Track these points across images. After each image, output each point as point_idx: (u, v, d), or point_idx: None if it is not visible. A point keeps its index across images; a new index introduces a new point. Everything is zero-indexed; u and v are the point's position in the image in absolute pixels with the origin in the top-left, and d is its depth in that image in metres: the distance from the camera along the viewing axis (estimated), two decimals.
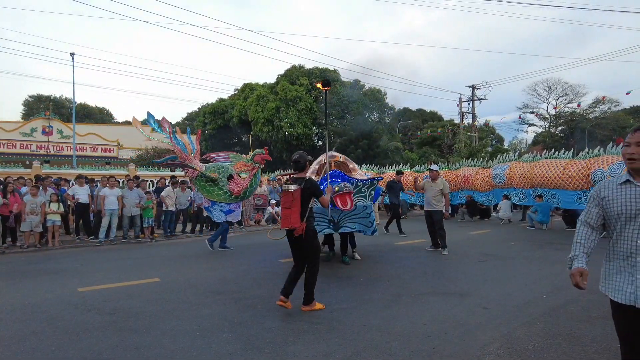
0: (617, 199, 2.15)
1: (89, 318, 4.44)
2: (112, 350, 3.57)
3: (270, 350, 3.56)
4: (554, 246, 9.30)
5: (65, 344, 3.73)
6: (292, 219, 4.43)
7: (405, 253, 8.44)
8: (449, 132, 31.28)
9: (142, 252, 9.06)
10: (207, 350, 3.57)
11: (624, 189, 2.15)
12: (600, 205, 2.25)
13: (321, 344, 3.68)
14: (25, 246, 9.38)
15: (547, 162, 13.65)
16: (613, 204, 2.16)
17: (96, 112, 50.31)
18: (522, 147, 44.33)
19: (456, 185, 16.95)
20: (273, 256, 8.12)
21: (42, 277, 6.49)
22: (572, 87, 40.60)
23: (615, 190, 2.18)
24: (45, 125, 24.56)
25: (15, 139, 23.58)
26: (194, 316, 4.49)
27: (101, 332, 4.01)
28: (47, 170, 13.62)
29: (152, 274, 6.58)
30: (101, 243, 10.12)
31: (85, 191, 10.75)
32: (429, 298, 5.13)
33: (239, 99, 31.51)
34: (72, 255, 8.74)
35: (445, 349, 3.54)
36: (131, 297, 5.24)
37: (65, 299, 5.18)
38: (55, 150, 24.38)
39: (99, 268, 7.21)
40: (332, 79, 29.95)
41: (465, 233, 11.92)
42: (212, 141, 32.79)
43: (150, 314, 4.55)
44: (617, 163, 11.27)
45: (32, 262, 7.91)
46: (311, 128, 29.15)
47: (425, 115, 45.70)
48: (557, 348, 3.53)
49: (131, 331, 4.03)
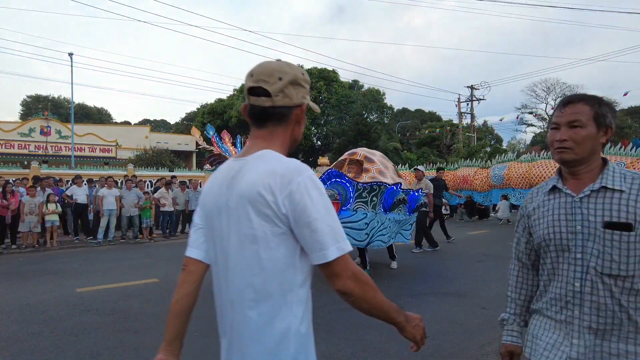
0: (543, 217, 1.40)
1: (87, 319, 4.43)
2: (111, 351, 3.57)
3: None
4: None
5: (63, 344, 3.72)
6: None
7: (404, 253, 8.44)
8: (447, 132, 31.33)
9: (141, 253, 9.04)
10: (206, 350, 3.56)
11: (551, 200, 1.40)
12: (527, 229, 1.49)
13: (320, 344, 3.68)
14: (23, 247, 9.36)
15: (545, 162, 13.69)
16: (538, 226, 1.41)
17: (95, 113, 50.23)
18: (521, 148, 44.42)
19: (455, 185, 16.97)
20: None
21: (41, 278, 6.48)
22: (570, 87, 40.67)
23: (542, 203, 1.44)
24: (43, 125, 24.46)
25: (13, 139, 23.50)
26: (194, 317, 4.44)
27: (100, 332, 4.01)
28: (45, 171, 13.59)
29: (151, 274, 6.57)
30: (100, 243, 10.10)
31: (83, 191, 10.73)
32: (428, 298, 5.14)
33: (238, 99, 31.51)
34: (70, 255, 8.72)
35: (444, 348, 3.54)
36: (130, 298, 5.24)
37: (63, 300, 5.17)
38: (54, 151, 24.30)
39: (97, 268, 7.19)
40: (332, 79, 29.97)
41: (464, 233, 11.94)
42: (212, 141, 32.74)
43: (149, 315, 4.55)
44: (616, 163, 11.27)
45: (30, 262, 7.89)
46: (310, 128, 29.15)
47: (424, 115, 45.77)
48: None
49: (130, 332, 4.03)
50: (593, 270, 1.28)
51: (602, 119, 1.30)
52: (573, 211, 1.33)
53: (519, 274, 1.56)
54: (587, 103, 1.31)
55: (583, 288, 1.30)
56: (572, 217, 1.33)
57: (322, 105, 30.35)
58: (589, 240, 1.29)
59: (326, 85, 29.85)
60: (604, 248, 1.27)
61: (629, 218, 1.24)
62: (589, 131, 1.29)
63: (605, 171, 1.33)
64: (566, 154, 1.32)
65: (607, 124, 1.31)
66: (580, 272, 1.30)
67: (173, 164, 21.42)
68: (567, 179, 1.39)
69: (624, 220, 1.24)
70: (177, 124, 47.61)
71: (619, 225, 1.25)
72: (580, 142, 1.30)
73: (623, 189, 1.27)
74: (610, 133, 1.33)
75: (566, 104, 1.35)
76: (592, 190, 1.31)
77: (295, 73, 1.12)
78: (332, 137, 31.26)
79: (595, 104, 1.31)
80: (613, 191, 1.28)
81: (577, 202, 1.33)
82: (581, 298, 1.30)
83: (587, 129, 1.29)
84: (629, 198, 1.26)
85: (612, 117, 1.32)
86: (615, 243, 1.25)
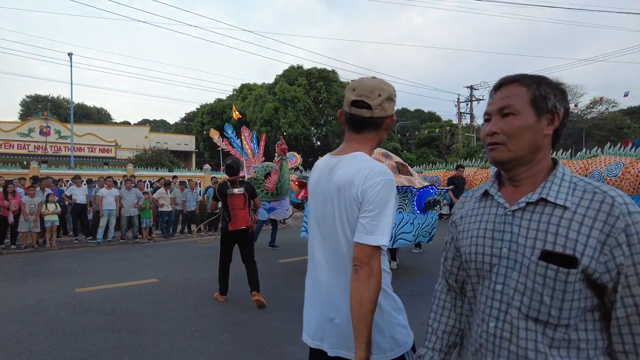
0: (467, 231, 1.11)
1: (87, 319, 4.42)
2: (110, 351, 3.56)
3: (269, 351, 3.56)
4: None
5: (63, 345, 3.71)
6: (247, 218, 4.95)
7: (404, 253, 8.44)
8: (447, 132, 31.32)
9: (140, 253, 9.04)
10: (205, 351, 3.56)
11: (480, 209, 1.11)
12: (454, 241, 1.20)
13: None
14: (23, 247, 9.35)
15: None
16: (462, 240, 1.13)
17: (94, 113, 50.21)
18: None
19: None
20: (271, 257, 8.11)
21: (40, 278, 6.47)
22: (569, 87, 40.75)
23: (471, 211, 1.14)
24: (43, 125, 24.45)
25: (12, 139, 23.49)
26: (193, 317, 4.48)
27: (99, 333, 4.00)
28: (44, 171, 13.58)
29: (151, 274, 6.57)
30: (99, 244, 10.09)
31: (83, 192, 10.71)
32: (427, 298, 5.13)
33: (237, 100, 31.51)
34: (70, 255, 8.71)
35: None
36: (129, 298, 5.23)
37: (63, 300, 5.16)
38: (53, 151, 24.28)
39: (97, 269, 7.18)
40: (331, 79, 29.97)
41: None
42: (210, 141, 32.75)
43: (149, 315, 4.54)
44: (615, 163, 11.30)
45: (29, 262, 7.88)
46: (310, 128, 29.15)
47: (423, 115, 45.81)
48: None
49: (129, 332, 4.02)
50: (516, 310, 0.95)
51: (542, 103, 0.98)
52: (502, 227, 1.01)
53: (445, 299, 1.23)
54: (522, 84, 1.00)
55: (499, 331, 0.98)
56: (499, 236, 1.01)
57: (321, 105, 30.35)
58: (515, 269, 0.97)
59: (326, 85, 29.86)
60: (534, 285, 0.93)
61: (571, 248, 0.90)
62: (525, 120, 0.98)
63: (551, 177, 0.99)
64: (499, 151, 1.01)
65: (550, 109, 0.98)
66: (498, 310, 0.99)
67: (172, 164, 21.43)
68: (505, 185, 1.08)
69: (562, 250, 0.90)
70: (177, 124, 47.61)
71: (557, 258, 0.90)
72: (514, 135, 0.98)
73: (567, 205, 0.93)
74: (558, 120, 1.00)
75: (497, 87, 1.04)
76: (529, 202, 0.98)
77: (390, 90, 1.38)
78: (331, 137, 31.26)
79: (532, 84, 0.99)
80: (555, 207, 0.95)
81: (508, 217, 1.01)
82: (495, 344, 0.98)
83: (522, 117, 0.98)
84: (573, 219, 0.92)
85: (558, 100, 0.99)
86: (548, 281, 0.91)
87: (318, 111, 28.63)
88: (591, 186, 0.95)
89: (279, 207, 8.97)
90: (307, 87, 28.72)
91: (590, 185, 0.95)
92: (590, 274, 0.89)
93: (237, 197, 4.90)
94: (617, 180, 10.83)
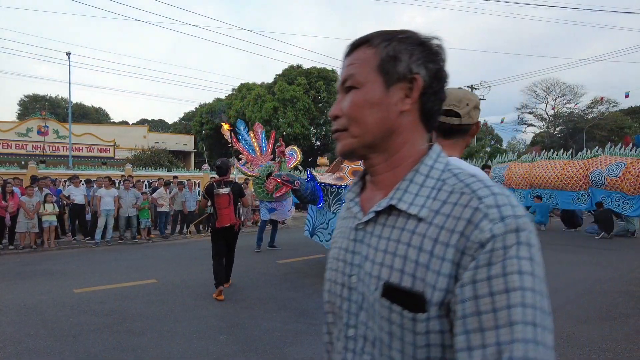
0: (332, 249, 0.82)
1: (85, 320, 4.40)
2: (108, 352, 3.54)
3: (268, 351, 3.53)
4: (552, 247, 9.30)
5: (61, 345, 3.69)
6: (232, 216, 5.29)
7: None
8: None
9: (139, 253, 9.01)
10: (204, 352, 3.54)
11: (345, 218, 0.82)
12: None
13: (319, 345, 3.65)
14: (21, 247, 9.31)
15: (545, 162, 13.69)
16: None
17: (92, 112, 50.15)
18: (521, 148, 44.48)
19: None
20: (271, 258, 8.09)
21: (38, 279, 6.44)
22: (570, 87, 40.74)
23: (340, 221, 0.85)
24: (41, 125, 24.40)
25: (10, 139, 23.43)
26: (192, 318, 4.46)
27: (97, 333, 3.98)
28: (43, 171, 13.53)
29: (149, 275, 6.54)
30: (97, 244, 10.06)
31: (81, 192, 10.68)
32: None
33: (236, 99, 31.50)
34: (68, 256, 8.68)
35: None
36: (128, 299, 5.21)
37: (61, 301, 5.14)
38: (51, 151, 24.23)
39: (95, 269, 7.16)
40: (331, 79, 29.96)
41: None
42: (209, 141, 32.75)
43: (147, 316, 4.52)
44: (616, 164, 11.29)
45: (27, 263, 7.85)
46: (309, 128, 29.15)
47: None
48: (556, 349, 3.51)
49: (128, 333, 4.00)
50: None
51: (391, 66, 0.68)
52: (353, 247, 0.73)
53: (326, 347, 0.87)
54: (371, 45, 0.70)
55: None
56: (350, 259, 0.73)
57: (321, 105, 30.35)
58: (362, 309, 0.70)
59: (326, 85, 29.87)
60: (380, 332, 0.66)
61: (421, 278, 0.61)
62: (366, 93, 0.69)
63: (410, 174, 0.69)
64: (341, 140, 0.72)
65: (403, 74, 0.68)
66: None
67: (171, 164, 21.38)
68: (367, 185, 0.79)
69: (410, 283, 0.62)
70: (176, 124, 47.53)
71: (403, 295, 0.63)
72: (355, 116, 0.70)
73: (421, 215, 0.65)
74: (417, 90, 0.68)
75: (348, 53, 0.74)
76: (378, 211, 0.70)
77: (476, 100, 1.46)
78: (331, 137, 31.25)
79: (382, 43, 0.69)
80: (408, 217, 0.66)
81: (359, 232, 0.73)
82: None
83: (364, 90, 0.69)
84: (426, 234, 0.63)
85: (415, 60, 0.68)
86: (394, 327, 0.64)
87: (317, 111, 28.61)
88: (461, 184, 0.64)
89: (280, 207, 8.95)
90: (306, 86, 28.72)
91: (460, 183, 0.64)
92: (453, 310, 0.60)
93: (223, 196, 5.24)
94: (618, 180, 10.83)
